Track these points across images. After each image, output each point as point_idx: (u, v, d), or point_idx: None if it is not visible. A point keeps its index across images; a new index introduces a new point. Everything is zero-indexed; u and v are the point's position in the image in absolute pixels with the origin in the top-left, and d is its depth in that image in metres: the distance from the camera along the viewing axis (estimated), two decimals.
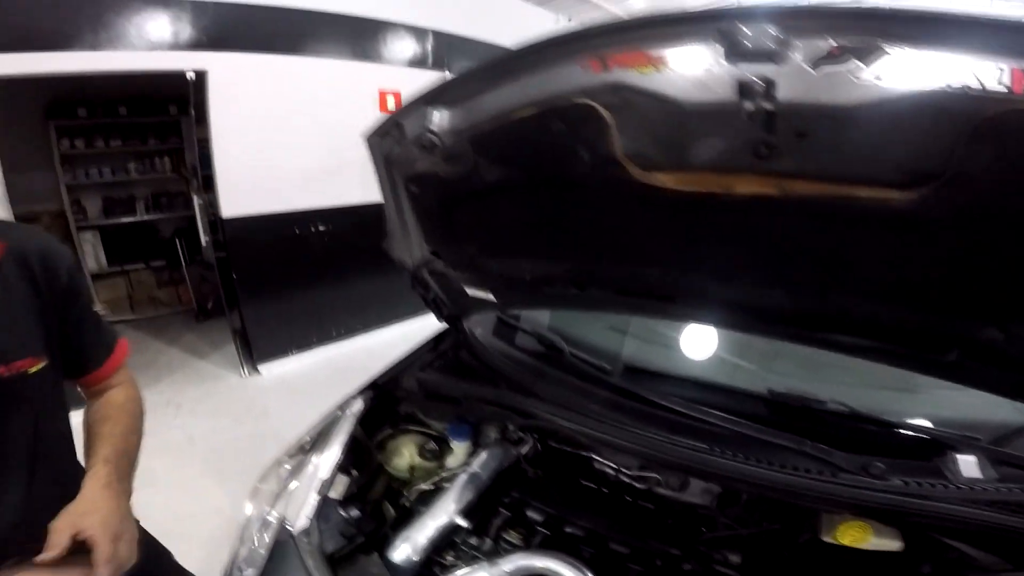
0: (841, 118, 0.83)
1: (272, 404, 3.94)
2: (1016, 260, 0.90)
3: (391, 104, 4.82)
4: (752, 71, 0.85)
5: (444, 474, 1.44)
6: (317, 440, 1.49)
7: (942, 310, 1.05)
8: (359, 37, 4.57)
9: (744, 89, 0.85)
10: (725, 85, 0.87)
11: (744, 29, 0.83)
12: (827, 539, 1.10)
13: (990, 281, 0.95)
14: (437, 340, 1.90)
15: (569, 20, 6.86)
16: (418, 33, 5.01)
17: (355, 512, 1.32)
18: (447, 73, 5.31)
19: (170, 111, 5.66)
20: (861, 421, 1.29)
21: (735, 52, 0.85)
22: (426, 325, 1.96)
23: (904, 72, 0.78)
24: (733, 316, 1.30)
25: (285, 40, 4.11)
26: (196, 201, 5.29)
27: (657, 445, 1.23)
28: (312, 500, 1.29)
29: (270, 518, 1.29)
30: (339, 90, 4.45)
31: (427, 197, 1.44)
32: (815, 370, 1.49)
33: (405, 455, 1.51)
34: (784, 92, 0.84)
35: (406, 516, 1.33)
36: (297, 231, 4.42)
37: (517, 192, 1.29)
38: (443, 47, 5.24)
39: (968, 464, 1.09)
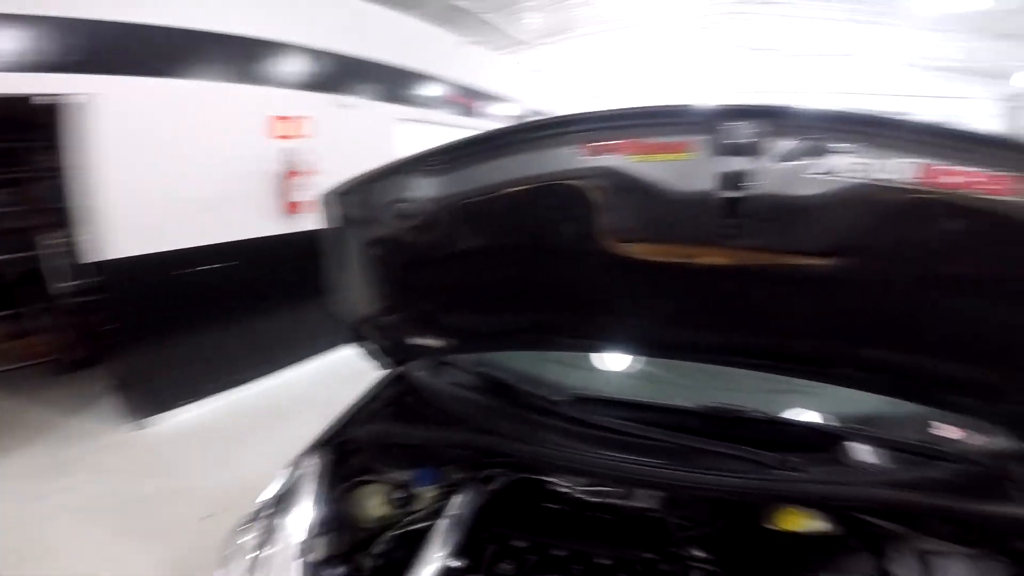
0: (793, 205, 1.03)
1: (172, 458, 3.64)
2: (903, 307, 1.21)
3: (283, 130, 4.66)
4: (732, 165, 1.03)
5: (408, 519, 1.47)
6: (280, 502, 1.46)
7: (843, 340, 1.32)
8: (250, 59, 4.40)
9: (724, 180, 1.03)
10: (706, 176, 1.04)
11: (729, 128, 1.01)
12: (769, 527, 1.30)
13: (881, 321, 1.23)
14: (378, 388, 1.87)
15: (471, 42, 6.97)
16: (315, 55, 4.91)
17: (340, 571, 1.32)
18: (350, 97, 5.23)
19: (9, 137, 4.99)
20: (777, 424, 1.53)
21: (719, 147, 1.03)
22: (327, 364, 1.94)
23: (843, 167, 1.00)
24: (679, 351, 1.49)
25: (170, 62, 3.87)
26: (53, 240, 4.75)
27: (619, 467, 1.35)
28: (296, 566, 1.27)
29: None
30: (230, 116, 4.25)
31: (389, 260, 1.47)
32: (731, 383, 1.72)
33: (372, 506, 1.52)
34: (757, 184, 1.03)
35: (384, 566, 1.36)
36: (186, 270, 4.11)
37: (487, 256, 1.37)
38: (343, 69, 5.17)
39: (864, 451, 1.35)
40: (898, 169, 1.03)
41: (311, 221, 1.62)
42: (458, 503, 1.41)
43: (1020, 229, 1.06)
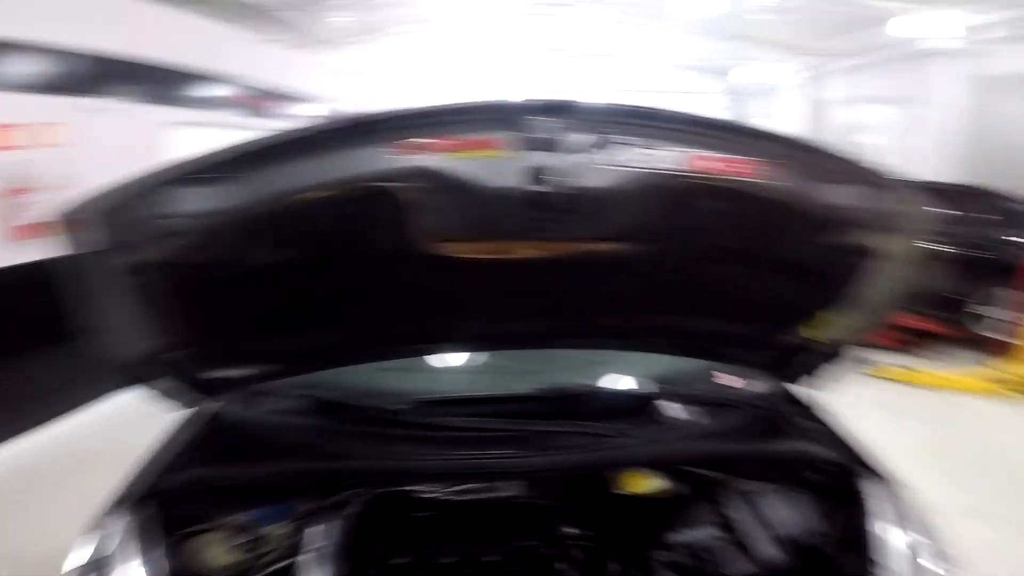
0: (590, 196, 1.14)
1: None
2: (684, 279, 1.41)
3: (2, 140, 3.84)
4: (536, 160, 1.09)
5: (262, 562, 1.36)
6: (98, 568, 1.24)
7: (642, 312, 1.51)
8: None
9: (531, 175, 1.09)
10: (514, 172, 1.09)
11: (530, 124, 1.06)
12: (620, 492, 1.43)
13: (667, 292, 1.41)
14: (185, 429, 1.60)
15: (267, 40, 6.45)
16: (51, 55, 4.18)
17: None
18: (102, 100, 4.45)
19: None
20: (603, 395, 1.69)
21: (524, 143, 1.08)
22: (104, 412, 1.63)
23: (629, 158, 1.13)
24: (508, 342, 1.57)
25: None
26: None
27: (474, 463, 1.36)
28: None
29: None
30: None
31: (161, 286, 1.26)
32: (561, 363, 1.81)
33: (214, 556, 1.37)
34: (559, 178, 1.11)
35: None
36: None
37: (291, 271, 1.26)
38: (92, 70, 4.51)
39: (674, 408, 1.55)
40: (671, 158, 1.19)
41: (56, 246, 1.26)
42: (319, 534, 1.33)
43: (765, 207, 1.30)
